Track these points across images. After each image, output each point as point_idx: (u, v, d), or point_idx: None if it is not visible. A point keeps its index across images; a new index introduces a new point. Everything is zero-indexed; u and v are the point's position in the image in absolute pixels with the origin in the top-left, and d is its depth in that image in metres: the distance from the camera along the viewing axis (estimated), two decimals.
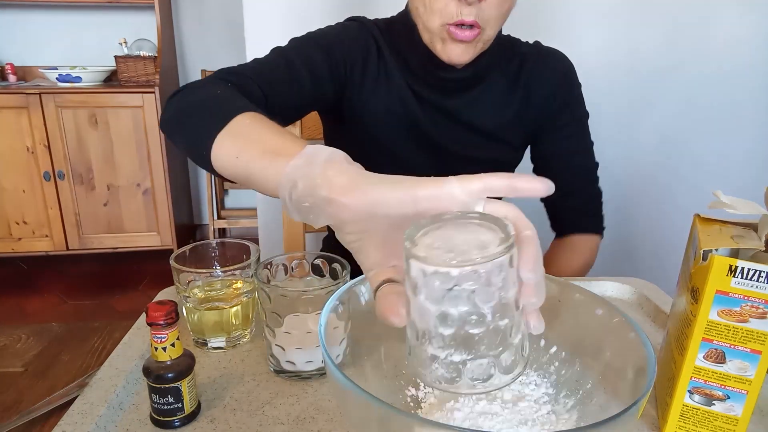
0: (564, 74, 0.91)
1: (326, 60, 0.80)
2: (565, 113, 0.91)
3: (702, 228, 0.50)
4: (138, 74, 2.58)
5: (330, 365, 0.37)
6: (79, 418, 0.51)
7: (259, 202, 1.51)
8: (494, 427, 0.44)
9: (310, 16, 1.31)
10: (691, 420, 0.49)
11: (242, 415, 0.53)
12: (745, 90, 1.51)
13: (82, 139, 2.49)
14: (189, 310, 0.63)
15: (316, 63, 0.79)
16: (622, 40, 1.46)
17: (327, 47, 0.81)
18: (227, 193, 3.14)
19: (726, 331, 0.46)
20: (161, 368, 0.50)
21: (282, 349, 0.57)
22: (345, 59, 0.82)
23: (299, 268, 0.63)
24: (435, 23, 0.74)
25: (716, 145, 1.55)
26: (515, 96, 0.88)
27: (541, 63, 0.89)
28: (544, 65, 0.89)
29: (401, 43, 0.84)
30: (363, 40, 0.84)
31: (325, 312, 0.43)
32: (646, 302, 0.77)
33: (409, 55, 0.83)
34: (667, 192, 1.58)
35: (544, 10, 1.40)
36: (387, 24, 0.87)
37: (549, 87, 0.89)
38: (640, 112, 1.53)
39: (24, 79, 2.74)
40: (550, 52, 0.91)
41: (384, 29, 0.86)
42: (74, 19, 2.76)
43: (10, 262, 2.71)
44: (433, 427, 0.33)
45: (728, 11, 1.44)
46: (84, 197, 2.56)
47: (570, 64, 0.91)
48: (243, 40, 1.33)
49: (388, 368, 0.51)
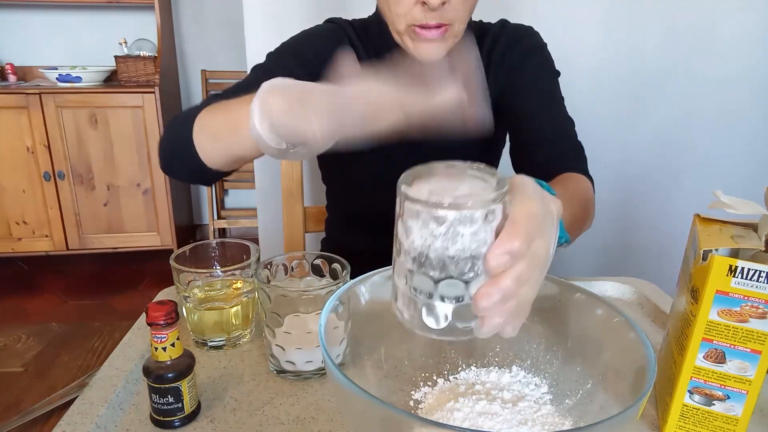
0: (526, 34, 0.89)
1: (301, 64, 0.82)
2: (530, 67, 0.88)
3: (702, 228, 0.50)
4: (138, 74, 2.58)
5: (330, 365, 0.37)
6: (79, 418, 0.51)
7: (259, 202, 1.51)
8: (494, 427, 0.44)
9: (310, 16, 1.31)
10: (691, 420, 0.49)
11: (242, 415, 0.53)
12: (745, 90, 1.50)
13: (82, 139, 2.49)
14: (189, 310, 0.63)
15: (293, 68, 0.81)
16: (622, 41, 1.46)
17: (299, 52, 0.83)
18: (227, 193, 3.14)
19: (726, 331, 0.46)
20: (161, 368, 0.50)
21: (282, 349, 0.57)
22: (318, 58, 0.83)
23: (299, 268, 0.63)
24: (401, 25, 0.75)
25: (716, 145, 1.55)
26: (488, 78, 0.88)
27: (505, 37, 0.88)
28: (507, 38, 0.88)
29: (376, 42, 0.85)
30: (336, 41, 0.86)
31: (325, 312, 0.43)
32: (646, 302, 0.77)
33: (384, 53, 0.84)
34: (667, 192, 1.58)
35: (544, 9, 1.40)
36: (362, 24, 0.88)
37: (512, 53, 0.87)
38: (640, 112, 1.53)
39: (24, 79, 2.74)
40: (516, 27, 0.90)
41: (359, 29, 0.88)
42: (74, 19, 2.76)
43: (10, 262, 2.71)
44: (433, 427, 0.33)
45: (728, 12, 1.44)
46: (84, 197, 2.56)
47: (534, 31, 0.90)
48: (243, 40, 1.33)
49: (388, 368, 0.51)
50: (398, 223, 0.37)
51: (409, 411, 0.48)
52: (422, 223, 0.34)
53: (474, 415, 0.45)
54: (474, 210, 0.33)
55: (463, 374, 0.53)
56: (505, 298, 0.34)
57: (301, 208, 1.10)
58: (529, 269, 0.35)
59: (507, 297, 0.34)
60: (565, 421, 0.45)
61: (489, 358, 0.54)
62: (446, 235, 0.34)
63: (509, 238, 0.34)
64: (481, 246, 0.34)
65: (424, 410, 0.48)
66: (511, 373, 0.52)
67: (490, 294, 0.34)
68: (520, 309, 0.36)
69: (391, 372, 0.51)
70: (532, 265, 0.35)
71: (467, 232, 0.34)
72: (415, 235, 0.35)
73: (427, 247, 0.34)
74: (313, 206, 1.12)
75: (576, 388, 0.47)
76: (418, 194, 0.34)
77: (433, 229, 0.34)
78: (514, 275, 0.34)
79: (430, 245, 0.34)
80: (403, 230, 0.36)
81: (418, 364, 0.53)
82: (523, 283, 0.35)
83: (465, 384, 0.51)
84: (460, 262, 0.34)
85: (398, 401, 0.49)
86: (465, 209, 0.33)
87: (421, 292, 0.36)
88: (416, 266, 0.36)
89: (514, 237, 0.34)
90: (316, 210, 1.12)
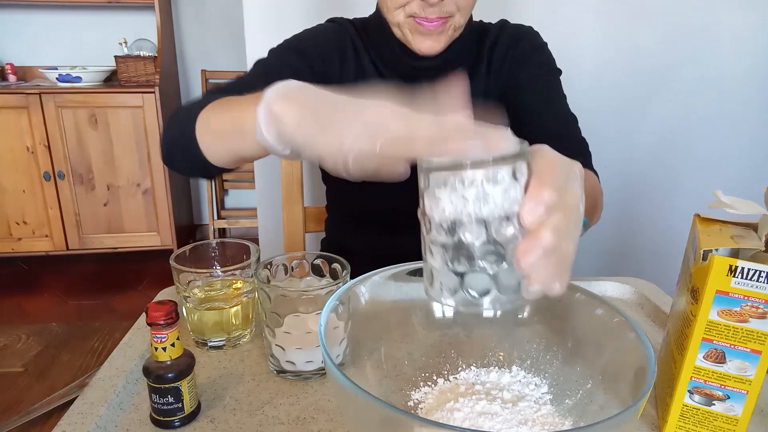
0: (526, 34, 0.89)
1: (304, 61, 0.82)
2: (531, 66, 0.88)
3: (702, 228, 0.50)
4: (138, 74, 2.58)
5: (330, 365, 0.37)
6: (79, 418, 0.51)
7: (259, 202, 1.51)
8: (494, 427, 0.44)
9: (310, 16, 1.31)
10: (691, 420, 0.49)
11: (242, 415, 0.53)
12: (746, 89, 1.50)
13: (82, 139, 2.49)
14: (189, 310, 0.63)
15: (295, 65, 0.81)
16: (622, 40, 1.46)
17: (302, 49, 0.83)
18: (227, 193, 3.14)
19: (726, 331, 0.46)
20: (161, 368, 0.50)
21: (282, 349, 0.57)
22: (321, 56, 0.84)
23: (299, 268, 0.63)
24: (400, 17, 0.75)
25: (716, 145, 1.55)
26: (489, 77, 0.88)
27: (505, 37, 0.88)
28: (508, 38, 0.88)
29: (377, 40, 0.85)
30: (339, 40, 0.86)
31: (325, 312, 0.43)
32: (646, 302, 0.77)
33: (385, 51, 0.84)
34: (667, 192, 1.58)
35: (543, 10, 1.40)
36: (363, 23, 0.88)
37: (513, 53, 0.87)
38: (640, 111, 1.53)
39: (24, 79, 2.74)
40: (516, 27, 0.90)
41: (360, 28, 0.88)
42: (74, 19, 2.76)
43: (10, 262, 2.71)
44: (433, 427, 0.33)
45: (728, 11, 1.44)
46: (84, 197, 2.56)
47: (534, 31, 0.90)
48: (243, 40, 1.33)
49: (388, 368, 0.51)
50: (424, 200, 0.36)
51: (409, 411, 0.48)
52: (451, 189, 0.34)
53: (474, 415, 0.45)
54: (501, 166, 0.33)
55: (463, 374, 0.53)
56: (547, 252, 0.33)
57: (301, 208, 1.10)
58: (565, 219, 0.34)
59: (549, 250, 0.33)
60: (565, 421, 0.45)
61: (489, 358, 0.54)
62: (477, 196, 0.33)
63: (539, 188, 0.34)
64: (513, 204, 0.34)
65: (424, 410, 0.48)
66: (511, 373, 0.52)
67: (531, 249, 0.33)
68: (563, 264, 0.35)
69: (391, 372, 0.51)
70: (568, 216, 0.35)
71: (497, 190, 0.33)
72: (445, 203, 0.34)
73: (460, 213, 0.34)
74: (313, 206, 1.12)
75: (576, 388, 0.47)
76: (442, 162, 0.34)
77: (463, 193, 0.33)
78: (552, 226, 0.33)
79: (462, 210, 0.34)
80: (431, 204, 0.35)
81: (418, 364, 0.53)
82: (562, 234, 0.34)
83: (465, 384, 0.51)
84: (494, 223, 0.34)
85: (398, 401, 0.49)
86: (492, 166, 0.33)
87: (460, 263, 0.35)
88: (450, 237, 0.35)
89: (543, 186, 0.34)
90: (316, 210, 1.12)
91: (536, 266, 0.34)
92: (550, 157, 0.36)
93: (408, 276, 0.50)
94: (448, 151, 0.35)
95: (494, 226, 0.34)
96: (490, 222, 0.34)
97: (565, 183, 0.35)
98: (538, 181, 0.34)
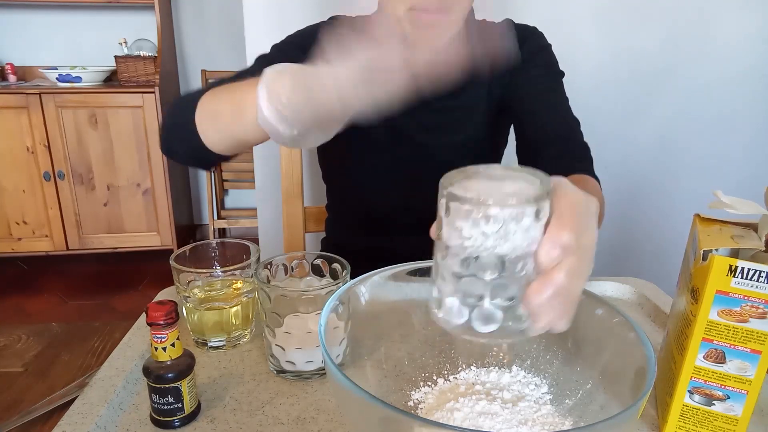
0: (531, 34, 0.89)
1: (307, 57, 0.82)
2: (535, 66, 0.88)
3: (702, 228, 0.50)
4: (138, 74, 2.58)
5: (330, 365, 0.37)
6: (79, 418, 0.51)
7: (259, 202, 1.51)
8: (494, 427, 0.44)
9: (311, 16, 1.30)
10: (691, 420, 0.49)
11: (242, 415, 0.53)
12: (746, 90, 1.50)
13: (82, 139, 2.49)
14: (189, 310, 0.63)
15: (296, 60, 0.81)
16: (622, 41, 1.46)
17: (305, 45, 0.83)
18: (227, 193, 3.14)
19: (726, 331, 0.46)
20: (161, 368, 0.50)
21: (282, 349, 0.57)
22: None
23: (299, 268, 0.63)
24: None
25: (716, 145, 1.55)
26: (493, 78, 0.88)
27: None
28: None
29: None
30: None
31: (325, 312, 0.43)
32: (646, 302, 0.77)
33: None
34: (666, 192, 1.58)
35: (543, 10, 1.40)
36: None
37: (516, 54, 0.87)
38: (639, 112, 1.53)
39: (24, 79, 2.74)
40: (521, 27, 0.90)
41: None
42: (74, 19, 2.76)
43: (10, 262, 2.71)
44: (433, 427, 0.33)
45: (728, 12, 1.44)
46: (84, 197, 2.56)
47: (539, 32, 0.90)
48: (243, 40, 1.33)
49: (388, 368, 0.51)
50: (443, 226, 0.36)
51: (409, 411, 0.48)
52: (473, 223, 0.34)
53: (474, 415, 0.45)
54: (526, 206, 0.33)
55: (463, 374, 0.53)
56: (557, 294, 0.34)
57: (301, 208, 1.10)
58: (579, 262, 0.34)
59: (559, 292, 0.34)
60: (565, 421, 0.45)
61: (489, 358, 0.54)
62: (498, 233, 0.33)
63: (558, 231, 0.34)
64: (532, 243, 0.34)
65: (424, 410, 0.48)
66: (511, 373, 0.52)
67: (543, 291, 0.33)
68: (570, 302, 0.35)
69: (391, 372, 0.51)
70: (582, 258, 0.35)
71: (519, 229, 0.33)
72: (465, 236, 0.34)
73: (478, 248, 0.34)
74: (313, 206, 1.12)
75: (576, 388, 0.47)
76: (467, 193, 0.34)
77: (485, 229, 0.33)
78: (566, 269, 0.34)
79: (480, 245, 0.34)
80: (449, 233, 0.35)
81: (418, 364, 0.53)
82: (575, 276, 0.34)
83: (465, 384, 0.51)
84: (512, 262, 0.34)
85: (398, 401, 0.49)
86: (518, 206, 0.33)
87: (471, 295, 0.35)
88: (465, 268, 0.35)
89: (563, 229, 0.34)
90: (316, 210, 1.12)
91: (545, 306, 0.34)
92: (572, 198, 0.36)
93: (408, 276, 0.50)
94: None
95: (511, 265, 0.34)
96: (508, 260, 0.34)
97: (585, 225, 0.35)
98: (559, 222, 0.34)
